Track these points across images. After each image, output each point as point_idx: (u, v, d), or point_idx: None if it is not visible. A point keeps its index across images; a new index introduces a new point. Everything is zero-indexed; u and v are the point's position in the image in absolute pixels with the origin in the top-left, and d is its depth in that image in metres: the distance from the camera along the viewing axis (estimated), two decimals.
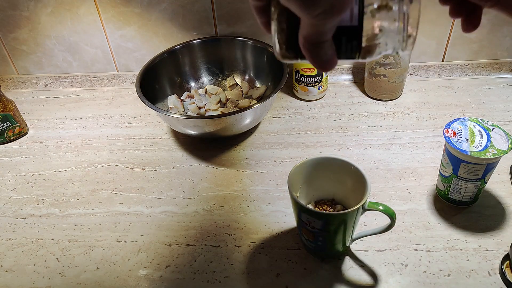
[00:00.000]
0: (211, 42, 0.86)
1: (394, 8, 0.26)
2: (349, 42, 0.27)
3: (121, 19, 0.87)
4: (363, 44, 0.27)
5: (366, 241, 0.56)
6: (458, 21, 0.82)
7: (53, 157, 0.76)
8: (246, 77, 0.87)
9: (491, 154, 0.51)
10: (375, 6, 0.26)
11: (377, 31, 0.26)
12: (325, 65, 0.29)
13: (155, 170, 0.71)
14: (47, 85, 0.95)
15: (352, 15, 0.26)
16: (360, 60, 0.28)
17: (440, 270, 0.52)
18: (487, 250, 0.54)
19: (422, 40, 0.86)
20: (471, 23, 0.31)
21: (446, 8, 0.31)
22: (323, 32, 0.26)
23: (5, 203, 0.67)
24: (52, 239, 0.61)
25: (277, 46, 0.29)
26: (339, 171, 0.53)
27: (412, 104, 0.81)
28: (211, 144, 0.75)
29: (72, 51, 0.92)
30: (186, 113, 0.80)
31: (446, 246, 0.55)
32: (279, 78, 0.73)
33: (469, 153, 0.52)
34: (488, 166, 0.53)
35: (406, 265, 0.53)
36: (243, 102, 0.81)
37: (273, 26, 0.28)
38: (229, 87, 0.86)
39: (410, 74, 0.88)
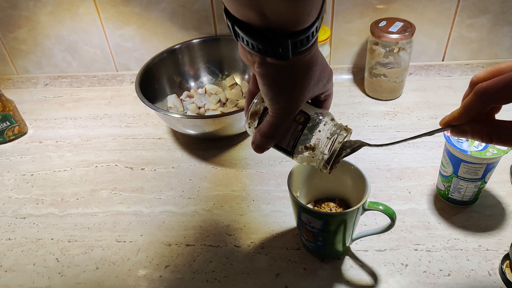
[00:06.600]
0: (211, 41, 0.86)
1: (316, 151, 0.41)
2: (285, 153, 0.43)
3: (121, 18, 0.87)
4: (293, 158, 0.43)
5: (366, 241, 0.56)
6: (458, 21, 0.82)
7: (53, 157, 0.76)
8: (246, 76, 0.87)
9: (491, 154, 0.51)
10: (304, 146, 0.41)
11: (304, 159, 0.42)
12: (255, 147, 0.41)
13: (154, 170, 0.71)
14: (46, 84, 0.95)
15: (289, 145, 0.41)
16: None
17: (440, 270, 0.52)
18: (487, 250, 0.54)
19: (423, 39, 0.86)
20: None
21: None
22: (275, 125, 0.38)
23: (4, 203, 0.67)
24: (52, 239, 0.61)
25: (247, 122, 0.43)
26: (339, 171, 0.53)
27: (412, 104, 0.81)
28: (210, 144, 0.75)
29: (71, 51, 0.92)
30: (186, 112, 0.80)
31: (446, 246, 0.55)
32: None
33: (469, 153, 0.52)
34: (488, 166, 0.53)
35: (406, 265, 0.53)
36: (243, 102, 0.81)
37: (252, 108, 0.42)
38: (228, 86, 0.86)
39: (410, 74, 0.88)
